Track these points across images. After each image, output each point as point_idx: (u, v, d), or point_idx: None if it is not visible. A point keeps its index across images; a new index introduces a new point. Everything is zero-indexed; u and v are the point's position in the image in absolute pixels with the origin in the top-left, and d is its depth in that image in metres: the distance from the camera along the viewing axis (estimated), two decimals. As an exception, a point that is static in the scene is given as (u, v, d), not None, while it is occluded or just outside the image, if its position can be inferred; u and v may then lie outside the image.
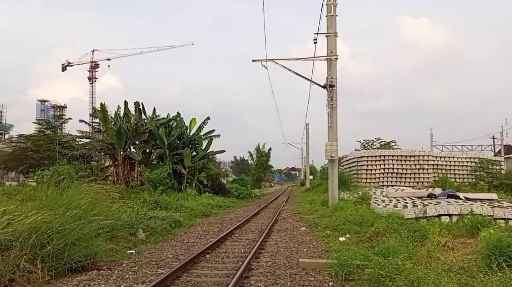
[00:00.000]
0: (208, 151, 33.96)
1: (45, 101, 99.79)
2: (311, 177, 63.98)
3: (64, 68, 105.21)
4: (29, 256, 7.18)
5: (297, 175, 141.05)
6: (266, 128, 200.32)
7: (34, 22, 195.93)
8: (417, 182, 34.28)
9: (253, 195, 40.04)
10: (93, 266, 8.10)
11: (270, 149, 76.02)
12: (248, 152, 79.89)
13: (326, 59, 20.13)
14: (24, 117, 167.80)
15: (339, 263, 7.70)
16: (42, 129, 43.12)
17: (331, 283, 7.23)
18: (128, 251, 10.02)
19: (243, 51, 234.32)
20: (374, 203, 17.15)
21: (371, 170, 35.39)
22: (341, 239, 11.46)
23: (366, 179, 35.02)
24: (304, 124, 62.04)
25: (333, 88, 19.80)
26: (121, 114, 31.89)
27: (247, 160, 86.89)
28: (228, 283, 7.09)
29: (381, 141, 48.97)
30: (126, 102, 31.84)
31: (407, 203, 16.18)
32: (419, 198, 18.94)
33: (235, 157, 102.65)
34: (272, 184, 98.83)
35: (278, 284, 7.21)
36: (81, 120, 36.17)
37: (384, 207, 15.43)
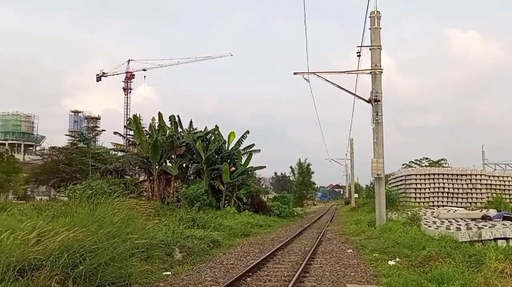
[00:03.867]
0: (248, 166, 33.91)
1: (78, 112, 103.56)
2: (356, 195, 62.74)
3: (98, 78, 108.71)
4: (60, 277, 7.12)
5: (342, 192, 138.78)
6: (307, 142, 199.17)
7: (69, 31, 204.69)
8: (470, 203, 32.99)
9: (295, 213, 39.55)
10: (127, 288, 8.04)
11: (309, 165, 75.15)
12: (290, 167, 79.53)
13: (370, 72, 20.09)
14: (56, 129, 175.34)
15: (389, 289, 7.32)
16: (75, 141, 44.59)
17: (386, 314, 6.82)
18: (163, 273, 9.90)
19: (282, 63, 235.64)
20: (425, 224, 16.66)
21: (420, 189, 34.27)
22: (391, 263, 11.09)
23: (415, 198, 33.90)
24: (348, 139, 61.26)
25: (378, 103, 19.74)
26: (156, 127, 32.47)
27: (289, 176, 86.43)
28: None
29: (429, 161, 47.46)
30: (160, 114, 32.43)
31: (460, 225, 15.77)
32: (472, 219, 18.21)
33: (275, 173, 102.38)
34: (315, 202, 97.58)
35: (329, 315, 6.85)
36: (115, 133, 37.23)
37: (435, 229, 15.09)
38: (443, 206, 30.68)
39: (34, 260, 7.17)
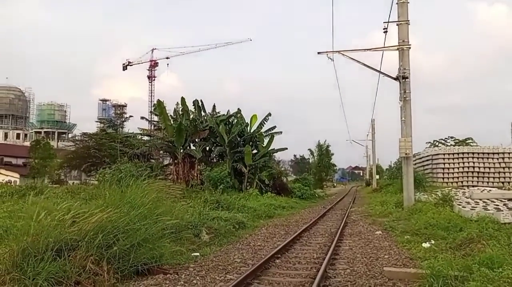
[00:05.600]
0: (270, 149, 33.65)
1: (106, 100, 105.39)
2: (377, 177, 61.84)
3: (124, 67, 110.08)
4: (95, 257, 7.11)
5: (361, 174, 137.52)
6: (327, 125, 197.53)
7: (96, 23, 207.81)
8: (503, 182, 31.77)
9: (317, 195, 39.22)
10: (159, 269, 7.93)
11: (328, 146, 74.17)
12: (309, 149, 78.61)
13: (398, 49, 19.32)
14: (86, 117, 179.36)
15: (432, 273, 6.91)
16: (104, 128, 45.25)
17: (425, 298, 6.48)
18: (193, 254, 9.82)
19: (302, 46, 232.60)
20: (459, 205, 15.89)
21: (448, 168, 33.35)
22: (425, 245, 10.57)
23: (443, 178, 33.02)
24: (368, 120, 60.24)
25: (406, 80, 18.94)
26: (180, 111, 32.41)
27: (308, 158, 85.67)
28: (305, 293, 6.59)
29: (455, 140, 45.99)
30: (183, 99, 32.28)
31: (497, 205, 14.89)
32: (509, 200, 17.33)
33: (294, 156, 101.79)
34: (335, 184, 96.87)
35: (364, 297, 6.57)
36: (142, 117, 37.43)
37: (471, 209, 14.30)
38: (473, 186, 29.68)
39: (70, 241, 7.17)
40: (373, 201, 28.90)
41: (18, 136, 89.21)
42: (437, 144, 46.40)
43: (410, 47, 19.15)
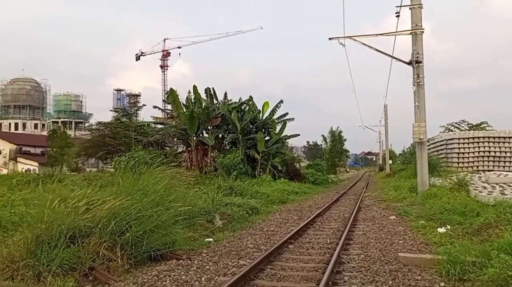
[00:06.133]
0: (282, 135, 33.45)
1: (120, 90, 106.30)
2: (390, 162, 61.28)
3: (137, 57, 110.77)
4: (108, 243, 7.09)
5: (374, 159, 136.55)
6: (339, 111, 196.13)
7: (109, 15, 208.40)
8: (520, 167, 31.09)
9: (330, 180, 39.01)
10: (172, 255, 7.89)
11: (340, 132, 73.65)
12: (322, 135, 78.12)
13: (411, 33, 18.93)
14: (102, 106, 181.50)
15: (449, 259, 6.72)
16: (119, 117, 45.43)
17: (442, 284, 6.29)
18: (206, 240, 9.77)
19: (313, 33, 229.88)
20: (475, 189, 15.58)
21: (463, 153, 32.73)
22: (440, 230, 10.32)
23: (458, 163, 32.45)
24: (381, 106, 59.51)
25: (420, 64, 18.61)
26: (192, 99, 32.34)
27: (320, 144, 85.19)
28: (319, 278, 6.46)
29: (469, 124, 45.07)
30: (195, 87, 32.18)
31: None
32: (526, 184, 16.95)
33: (307, 142, 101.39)
34: (348, 169, 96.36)
35: (378, 282, 6.41)
36: (154, 107, 37.55)
37: (488, 194, 14.05)
38: (489, 170, 29.16)
39: (84, 227, 7.16)
40: (387, 186, 28.60)
41: (36, 126, 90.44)
42: (451, 128, 45.48)
43: (423, 31, 18.76)
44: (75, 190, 8.47)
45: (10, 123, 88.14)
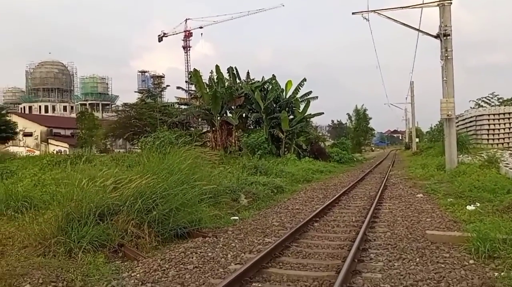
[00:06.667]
0: (306, 114, 33.14)
1: (145, 72, 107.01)
2: (417, 140, 60.09)
3: (160, 39, 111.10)
4: (136, 221, 7.22)
5: (400, 137, 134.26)
6: (363, 89, 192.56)
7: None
8: (554, 143, 30.02)
9: (355, 159, 38.64)
10: (199, 232, 7.98)
11: (365, 110, 72.49)
12: (347, 114, 77.16)
13: (438, 4, 18.14)
14: (127, 88, 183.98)
15: (478, 236, 6.54)
16: (144, 98, 45.90)
17: (471, 261, 6.14)
18: (231, 218, 9.85)
19: (335, 8, 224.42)
20: (505, 166, 15.09)
21: (493, 129, 31.75)
22: (469, 208, 10.07)
23: (488, 139, 31.54)
24: (407, 82, 58.07)
25: (448, 37, 17.88)
26: (215, 79, 32.28)
27: (345, 123, 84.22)
28: (344, 256, 6.41)
29: (499, 98, 43.35)
30: (217, 66, 32.00)
31: None
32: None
33: (332, 121, 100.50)
34: (373, 148, 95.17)
35: (405, 260, 6.31)
36: (178, 87, 37.82)
37: None
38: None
39: (112, 205, 7.27)
40: (413, 164, 28.12)
41: (65, 108, 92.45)
42: (481, 103, 43.92)
43: (451, 3, 17.99)
44: (103, 170, 8.62)
45: (40, 106, 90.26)
